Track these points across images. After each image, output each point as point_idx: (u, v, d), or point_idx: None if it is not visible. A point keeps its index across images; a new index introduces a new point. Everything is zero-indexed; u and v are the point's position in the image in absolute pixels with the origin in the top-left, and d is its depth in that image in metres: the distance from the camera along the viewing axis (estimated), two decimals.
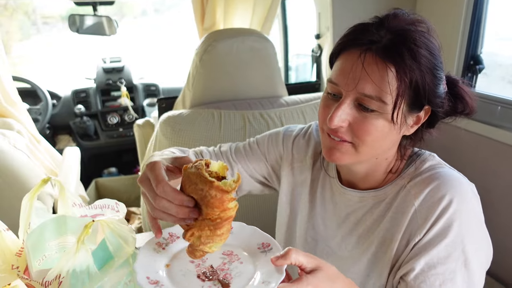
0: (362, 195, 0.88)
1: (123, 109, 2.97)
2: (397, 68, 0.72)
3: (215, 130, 1.44)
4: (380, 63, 0.72)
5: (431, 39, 0.76)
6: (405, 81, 0.72)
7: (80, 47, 5.32)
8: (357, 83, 0.74)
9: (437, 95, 0.77)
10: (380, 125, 0.76)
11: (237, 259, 0.72)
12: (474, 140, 1.61)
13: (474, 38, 1.62)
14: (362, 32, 0.75)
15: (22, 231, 0.85)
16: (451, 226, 0.75)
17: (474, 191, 0.81)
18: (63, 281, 0.74)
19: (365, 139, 0.77)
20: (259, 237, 0.75)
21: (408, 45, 0.72)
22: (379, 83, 0.72)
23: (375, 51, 0.73)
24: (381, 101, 0.73)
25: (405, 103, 0.75)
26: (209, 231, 0.63)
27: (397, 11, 0.78)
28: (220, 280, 0.66)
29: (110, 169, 3.10)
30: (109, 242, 0.82)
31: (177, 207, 0.64)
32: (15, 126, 1.75)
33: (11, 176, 1.33)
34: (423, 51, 0.73)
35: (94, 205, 0.98)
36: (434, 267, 0.75)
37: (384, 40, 0.73)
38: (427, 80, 0.73)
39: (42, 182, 0.86)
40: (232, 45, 1.49)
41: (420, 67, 0.72)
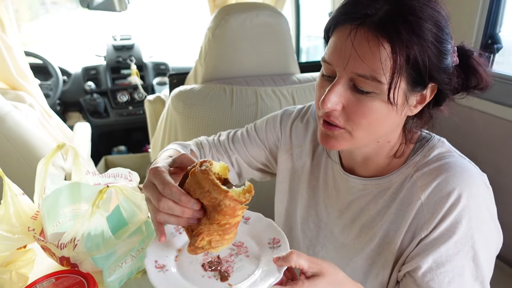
0: (365, 182, 0.84)
1: (133, 88, 2.97)
2: (392, 45, 0.65)
3: (227, 105, 1.43)
4: (371, 39, 0.65)
5: (436, 7, 0.68)
6: (401, 58, 0.65)
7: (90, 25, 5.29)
8: (347, 62, 0.68)
9: (443, 70, 0.70)
10: (377, 108, 0.70)
11: (245, 252, 0.72)
12: (488, 121, 1.58)
13: (493, 16, 1.58)
14: (356, 5, 0.68)
15: (38, 196, 0.86)
16: (460, 222, 0.71)
17: (486, 183, 0.76)
18: (78, 243, 0.75)
19: (360, 123, 0.71)
20: (273, 232, 0.75)
21: (405, 17, 0.65)
22: (371, 61, 0.66)
23: (367, 26, 0.66)
24: (376, 81, 0.67)
25: (405, 81, 0.68)
26: (218, 236, 0.64)
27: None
28: (221, 271, 0.68)
29: (120, 147, 3.12)
30: (123, 208, 0.82)
31: (182, 207, 0.63)
32: (27, 99, 1.76)
33: (24, 147, 1.34)
34: (424, 22, 0.65)
35: (107, 173, 0.98)
36: (442, 264, 0.72)
37: (379, 13, 0.66)
38: (429, 55, 0.66)
39: (57, 147, 0.86)
40: (245, 20, 1.47)
41: (420, 41, 0.65)
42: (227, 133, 1.09)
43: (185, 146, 1.00)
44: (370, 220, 0.83)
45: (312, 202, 0.97)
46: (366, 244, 0.83)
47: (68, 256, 0.78)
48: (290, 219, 1.02)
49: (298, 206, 0.99)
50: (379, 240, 0.81)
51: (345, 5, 0.70)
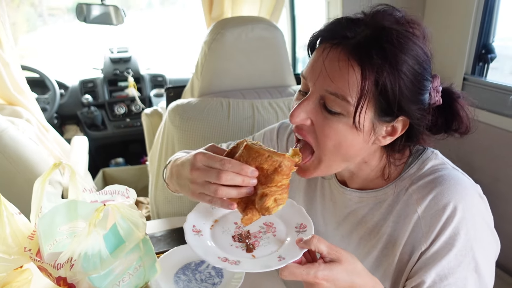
0: (361, 195, 0.85)
1: (130, 100, 2.97)
2: (362, 68, 0.66)
3: (224, 118, 1.43)
4: (342, 60, 0.67)
5: (418, 42, 0.69)
6: (369, 83, 0.66)
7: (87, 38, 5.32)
8: (317, 78, 0.70)
9: (415, 105, 0.70)
10: (342, 130, 0.70)
11: (273, 232, 0.79)
12: (484, 130, 1.59)
13: (486, 26, 1.59)
14: (338, 25, 0.70)
15: (34, 215, 0.86)
16: (458, 234, 0.72)
17: (480, 193, 0.78)
18: (75, 263, 0.75)
19: (326, 143, 0.73)
20: (301, 218, 0.80)
21: (381, 44, 0.66)
22: (339, 81, 0.67)
23: (342, 47, 0.67)
24: (344, 100, 0.68)
25: (373, 108, 0.69)
26: (279, 195, 0.71)
27: (387, 8, 0.72)
28: (247, 244, 0.75)
29: (117, 159, 3.11)
30: (120, 227, 0.82)
31: (243, 176, 0.68)
32: (24, 114, 1.76)
33: (21, 163, 1.34)
34: (400, 53, 0.66)
35: (104, 190, 0.98)
36: (446, 277, 0.73)
37: (358, 37, 0.67)
38: (401, 86, 0.66)
39: (53, 166, 0.86)
40: (241, 33, 1.48)
41: (393, 70, 0.65)
42: (226, 145, 1.11)
43: None
44: (368, 232, 0.84)
45: (310, 213, 0.97)
46: (364, 256, 0.84)
47: (65, 276, 0.77)
48: None
49: None
50: (377, 252, 0.82)
51: (328, 25, 0.73)
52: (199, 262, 0.99)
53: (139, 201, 2.43)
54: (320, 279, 0.63)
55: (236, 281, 0.91)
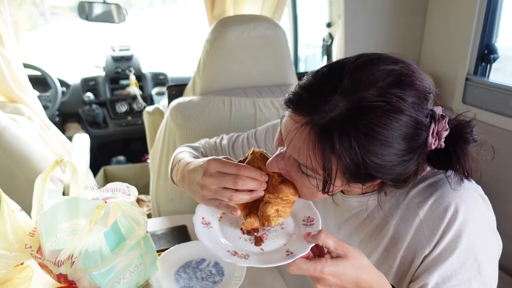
0: (360, 199, 0.84)
1: (132, 98, 2.97)
2: (324, 155, 0.62)
3: (225, 116, 1.43)
4: (309, 141, 0.63)
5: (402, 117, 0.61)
6: (333, 167, 0.63)
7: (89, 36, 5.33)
8: (288, 145, 0.68)
9: (392, 176, 0.66)
10: (317, 185, 0.68)
11: (281, 225, 0.79)
12: (486, 130, 1.59)
13: (488, 27, 1.59)
14: (310, 99, 0.63)
15: (35, 212, 0.86)
16: (460, 236, 0.72)
17: (481, 194, 0.77)
18: (76, 261, 0.75)
19: (303, 191, 0.73)
20: (308, 211, 0.81)
21: (348, 136, 0.60)
22: (305, 158, 0.65)
23: (310, 128, 0.63)
24: (313, 171, 0.66)
25: (342, 177, 0.66)
26: (282, 207, 0.73)
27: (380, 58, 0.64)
28: (256, 236, 0.75)
29: (119, 157, 3.11)
30: (121, 224, 0.82)
31: (257, 181, 0.71)
32: (26, 111, 1.76)
33: (22, 160, 1.34)
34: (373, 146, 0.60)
35: (106, 188, 0.98)
36: (448, 279, 0.73)
37: (328, 116, 0.61)
38: (368, 170, 0.63)
39: (55, 163, 0.86)
40: (243, 32, 1.48)
41: (358, 158, 0.61)
42: (229, 137, 1.11)
43: (196, 149, 1.06)
44: (369, 235, 0.84)
45: None
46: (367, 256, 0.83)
47: (66, 273, 0.77)
48: None
49: None
50: (377, 255, 0.82)
51: (301, 95, 0.65)
52: (200, 260, 0.99)
53: (140, 199, 2.43)
54: (326, 275, 0.64)
55: (237, 279, 0.91)
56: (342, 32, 1.94)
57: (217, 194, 0.73)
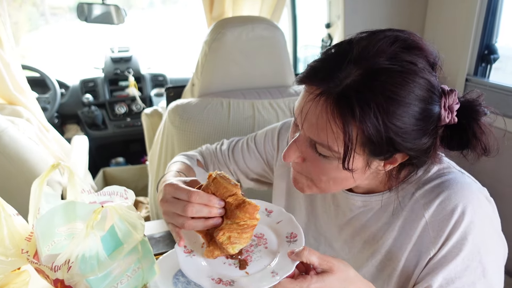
0: (365, 199, 0.83)
1: (131, 99, 2.97)
2: (344, 123, 0.62)
3: (224, 118, 1.43)
4: (325, 113, 0.64)
5: (416, 79, 0.62)
6: (353, 136, 0.63)
7: (89, 37, 5.32)
8: (303, 123, 0.68)
9: (415, 144, 0.65)
10: (334, 169, 0.70)
11: (264, 244, 0.77)
12: None
13: (489, 27, 1.58)
14: (324, 71, 0.65)
15: (32, 216, 0.85)
16: (466, 238, 0.71)
17: (487, 196, 0.77)
18: (72, 266, 0.74)
19: (319, 178, 0.73)
20: (291, 227, 0.78)
21: (365, 99, 0.60)
22: (324, 132, 0.65)
23: (325, 98, 0.63)
24: (330, 150, 0.66)
25: (363, 151, 0.66)
26: (237, 233, 0.70)
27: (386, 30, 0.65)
28: (240, 260, 0.73)
29: (118, 159, 3.11)
30: (118, 228, 0.81)
31: (210, 207, 0.68)
32: (24, 114, 1.76)
33: (21, 163, 1.34)
34: (391, 106, 0.61)
35: (103, 191, 0.97)
36: (452, 281, 0.72)
37: (343, 84, 0.62)
38: (390, 136, 0.62)
39: (51, 167, 0.86)
40: (241, 33, 1.47)
41: (379, 122, 0.61)
42: (229, 142, 1.11)
43: (191, 158, 1.05)
44: (372, 236, 0.83)
45: (311, 216, 0.97)
46: (367, 260, 0.83)
47: (62, 278, 0.77)
48: None
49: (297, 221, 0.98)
50: (381, 256, 0.81)
51: (314, 67, 0.67)
52: None
53: (139, 201, 2.43)
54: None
55: None
56: (341, 32, 1.93)
57: (173, 220, 0.71)
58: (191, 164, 1.03)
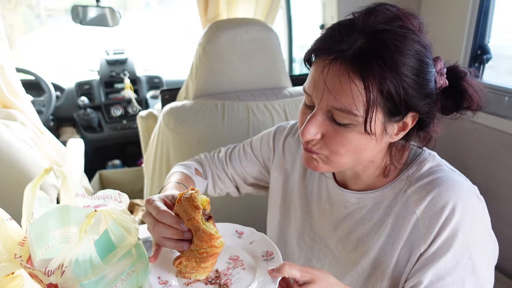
0: (359, 196, 0.85)
1: (127, 101, 2.96)
2: (364, 80, 0.65)
3: (219, 121, 1.43)
4: (343, 75, 0.66)
5: (414, 37, 0.68)
6: (374, 93, 0.66)
7: (84, 40, 5.31)
8: (321, 96, 0.70)
9: (422, 100, 0.70)
10: (354, 138, 0.72)
11: (241, 265, 0.76)
12: (480, 131, 1.59)
13: (481, 27, 1.59)
14: (332, 39, 0.69)
15: (25, 221, 0.85)
16: (456, 235, 0.73)
17: (477, 194, 0.78)
18: (66, 270, 0.74)
19: (339, 151, 0.74)
20: (265, 245, 0.78)
21: (378, 52, 0.65)
22: (343, 96, 0.67)
23: (340, 61, 0.67)
24: (351, 114, 0.68)
25: (381, 112, 0.69)
26: (195, 262, 0.69)
27: (376, 6, 0.70)
28: (220, 284, 0.72)
29: (114, 161, 3.10)
30: (111, 232, 0.81)
31: (173, 230, 0.70)
32: (19, 117, 1.75)
33: (15, 167, 1.33)
34: (400, 56, 0.65)
35: (97, 195, 0.97)
36: (442, 278, 0.73)
37: (353, 47, 0.66)
38: (405, 87, 0.67)
39: (44, 171, 0.86)
40: (236, 35, 1.48)
41: (394, 75, 0.65)
42: (226, 149, 1.13)
43: (189, 167, 1.06)
44: (366, 233, 0.84)
45: (306, 216, 0.98)
46: (361, 257, 0.84)
47: (56, 283, 0.76)
48: (285, 234, 1.03)
49: (292, 221, 1.00)
50: (374, 253, 0.82)
51: (322, 39, 0.72)
52: None
53: (135, 204, 2.42)
54: None
55: None
56: None
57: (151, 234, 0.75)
58: (189, 173, 1.04)
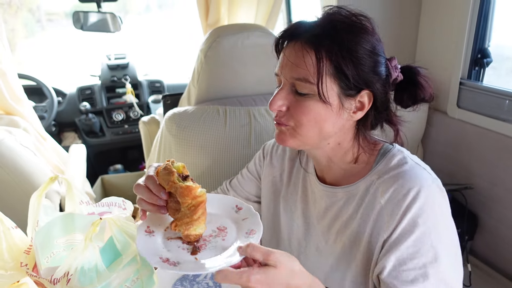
0: (336, 190, 0.92)
1: (128, 106, 2.97)
2: (316, 51, 0.78)
3: (221, 126, 1.44)
4: (300, 50, 0.79)
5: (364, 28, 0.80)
6: (323, 61, 0.77)
7: (85, 44, 5.32)
8: (285, 71, 0.83)
9: (373, 77, 0.80)
10: (314, 106, 0.80)
11: (224, 236, 0.80)
12: (481, 134, 1.59)
13: (481, 31, 1.60)
14: (296, 27, 0.83)
15: (31, 229, 0.86)
16: (417, 221, 0.78)
17: (440, 186, 0.82)
18: (72, 278, 0.75)
19: (301, 120, 0.82)
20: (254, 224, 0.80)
21: (329, 32, 0.78)
22: (301, 67, 0.79)
23: (300, 41, 0.80)
24: (308, 82, 0.79)
25: (337, 85, 0.79)
26: (187, 218, 0.75)
27: (337, 8, 0.82)
28: (194, 245, 0.77)
29: (116, 166, 3.10)
30: (116, 240, 0.82)
31: (150, 193, 0.76)
32: (21, 124, 1.76)
33: (19, 174, 1.34)
34: (348, 34, 0.78)
35: (101, 202, 0.98)
36: (404, 263, 0.77)
37: (311, 31, 0.80)
38: (353, 61, 0.78)
39: (49, 180, 0.86)
40: (237, 41, 1.48)
41: (342, 48, 0.77)
42: (225, 181, 1.24)
43: None
44: (343, 226, 0.89)
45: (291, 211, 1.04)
46: (341, 249, 0.90)
47: None
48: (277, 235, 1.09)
49: (282, 222, 1.06)
50: (350, 244, 0.88)
51: (288, 28, 0.85)
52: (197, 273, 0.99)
53: (137, 208, 2.42)
54: (252, 283, 0.66)
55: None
56: None
57: None
58: None
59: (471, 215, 1.58)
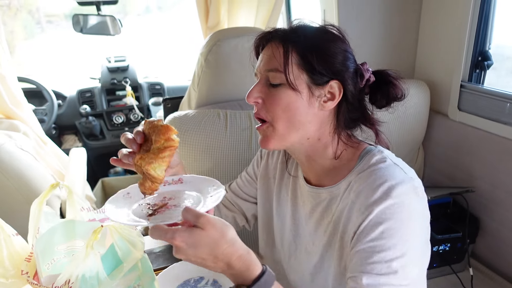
0: (320, 191, 0.93)
1: (129, 109, 2.97)
2: (283, 44, 0.85)
3: (221, 130, 1.43)
4: (272, 47, 0.87)
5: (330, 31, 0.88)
6: (289, 51, 0.84)
7: (85, 47, 5.32)
8: (259, 65, 0.91)
9: (339, 67, 0.85)
10: (285, 95, 0.85)
11: (189, 203, 0.82)
12: (482, 137, 1.59)
13: (482, 34, 1.60)
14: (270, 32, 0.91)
15: (31, 236, 0.85)
16: (385, 213, 0.77)
17: (414, 185, 0.81)
18: (73, 286, 0.74)
19: (275, 110, 0.86)
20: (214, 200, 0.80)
21: (297, 31, 0.87)
22: (272, 59, 0.86)
23: (272, 40, 0.88)
24: (278, 71, 0.84)
25: (303, 73, 0.85)
26: (153, 154, 0.76)
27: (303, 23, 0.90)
28: (155, 210, 0.80)
29: (117, 169, 3.10)
30: (118, 247, 0.82)
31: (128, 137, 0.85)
32: (21, 128, 1.76)
33: (19, 179, 1.34)
34: (313, 31, 0.88)
35: (102, 209, 0.98)
36: (370, 256, 0.77)
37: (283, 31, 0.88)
38: (317, 52, 0.84)
39: (50, 187, 0.86)
40: (237, 44, 1.48)
41: (307, 41, 0.85)
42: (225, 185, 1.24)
43: None
44: (326, 226, 0.91)
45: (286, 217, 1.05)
46: (323, 249, 0.92)
47: None
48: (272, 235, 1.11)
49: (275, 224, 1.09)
50: (329, 242, 0.90)
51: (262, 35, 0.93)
52: (198, 279, 0.99)
53: None
54: (178, 241, 0.66)
55: None
56: None
57: None
58: None
59: (472, 218, 1.57)
